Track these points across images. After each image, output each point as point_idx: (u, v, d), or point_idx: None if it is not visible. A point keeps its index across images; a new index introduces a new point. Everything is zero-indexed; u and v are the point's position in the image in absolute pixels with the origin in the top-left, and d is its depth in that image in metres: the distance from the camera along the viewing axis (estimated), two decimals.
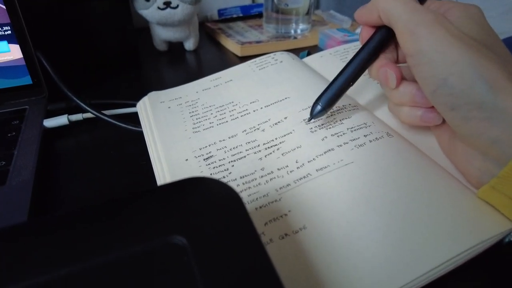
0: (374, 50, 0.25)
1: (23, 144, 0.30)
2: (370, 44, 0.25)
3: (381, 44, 0.25)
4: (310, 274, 0.18)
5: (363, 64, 0.25)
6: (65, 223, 0.15)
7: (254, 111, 0.30)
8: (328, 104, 0.25)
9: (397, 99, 0.25)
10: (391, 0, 0.23)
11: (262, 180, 0.23)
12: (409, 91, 0.24)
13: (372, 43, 0.25)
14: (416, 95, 0.24)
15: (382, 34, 0.25)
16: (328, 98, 0.25)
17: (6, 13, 0.33)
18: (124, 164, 0.29)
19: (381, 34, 0.25)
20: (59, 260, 0.13)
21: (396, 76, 0.24)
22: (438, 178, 0.22)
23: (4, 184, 0.25)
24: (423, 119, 0.24)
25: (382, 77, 0.25)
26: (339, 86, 0.26)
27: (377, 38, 0.25)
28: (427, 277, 0.18)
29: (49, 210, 0.25)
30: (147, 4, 0.46)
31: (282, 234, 0.20)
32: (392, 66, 0.24)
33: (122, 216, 0.15)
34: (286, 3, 0.53)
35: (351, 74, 0.26)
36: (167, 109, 0.32)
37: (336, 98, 0.26)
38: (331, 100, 0.25)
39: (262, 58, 0.37)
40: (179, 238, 0.13)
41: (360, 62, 0.25)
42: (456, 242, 0.18)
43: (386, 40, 0.25)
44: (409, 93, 0.24)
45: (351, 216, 0.20)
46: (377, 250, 0.18)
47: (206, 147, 0.27)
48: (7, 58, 0.35)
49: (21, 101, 0.36)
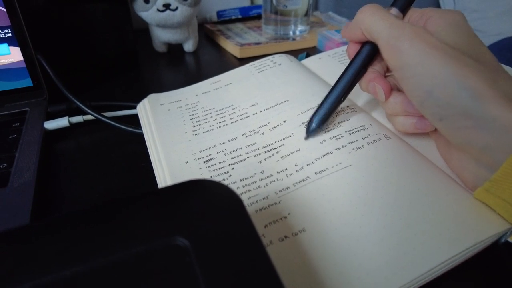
0: (361, 65, 0.26)
1: (24, 146, 0.30)
2: (357, 59, 0.26)
3: (368, 58, 0.26)
4: (309, 276, 0.18)
5: (352, 80, 0.26)
6: (68, 224, 0.15)
7: (253, 114, 0.30)
8: (322, 122, 0.26)
9: (390, 110, 0.26)
10: (371, 18, 0.23)
11: (262, 183, 0.24)
12: (400, 101, 0.24)
13: (359, 59, 0.26)
14: (407, 105, 0.24)
15: (367, 49, 0.26)
16: (321, 117, 0.26)
17: (7, 16, 0.34)
18: (125, 165, 0.29)
19: (367, 49, 0.26)
20: (63, 261, 0.13)
21: (384, 90, 0.25)
22: (435, 179, 0.23)
23: (6, 186, 0.25)
24: (417, 126, 0.25)
25: (372, 91, 0.26)
26: (331, 104, 0.26)
27: (363, 54, 0.26)
28: (424, 278, 0.18)
29: (50, 212, 0.25)
30: (146, 6, 0.46)
31: (282, 236, 0.20)
32: (380, 80, 0.25)
33: (124, 218, 0.15)
34: (285, 5, 0.53)
35: (341, 91, 0.26)
36: (167, 111, 0.33)
37: (328, 115, 0.26)
38: (324, 118, 0.26)
39: (261, 61, 0.38)
40: (181, 239, 0.13)
41: (349, 78, 0.26)
42: (453, 243, 0.19)
43: (372, 54, 0.26)
44: (400, 103, 0.25)
45: (349, 219, 0.21)
46: (375, 251, 0.19)
47: (206, 150, 0.27)
48: (8, 61, 0.35)
49: (21, 103, 0.36)
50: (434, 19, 0.23)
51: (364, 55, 0.26)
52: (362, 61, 0.26)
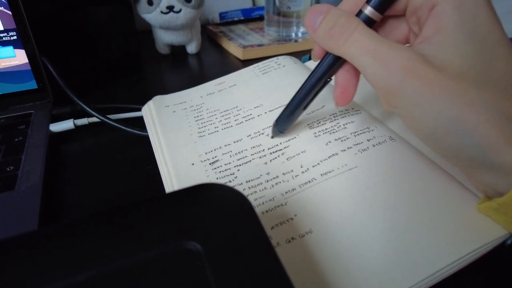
0: (323, 76, 0.23)
1: (30, 148, 0.30)
2: (320, 70, 0.23)
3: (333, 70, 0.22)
4: (317, 277, 0.18)
5: (311, 92, 0.24)
6: (80, 229, 0.15)
7: (258, 115, 0.30)
8: (284, 128, 0.27)
9: None
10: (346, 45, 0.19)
11: (267, 184, 0.24)
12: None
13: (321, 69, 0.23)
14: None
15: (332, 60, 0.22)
16: (282, 124, 0.26)
17: (12, 19, 0.34)
18: (131, 168, 0.29)
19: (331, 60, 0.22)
20: (76, 266, 0.14)
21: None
22: (440, 182, 0.23)
23: (13, 189, 0.26)
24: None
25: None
26: (291, 112, 0.25)
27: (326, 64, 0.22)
28: (430, 280, 0.18)
29: (58, 214, 0.25)
30: (150, 8, 0.46)
31: (289, 238, 0.20)
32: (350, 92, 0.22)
33: (135, 222, 0.15)
34: (288, 6, 0.53)
35: (298, 102, 0.25)
36: (172, 113, 0.33)
37: (289, 124, 0.26)
38: (286, 125, 0.27)
39: (265, 62, 0.38)
40: (192, 243, 0.14)
41: (307, 90, 0.24)
42: (459, 245, 0.19)
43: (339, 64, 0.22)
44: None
45: (355, 220, 0.21)
46: (382, 253, 0.19)
47: (212, 152, 0.27)
48: (13, 63, 0.36)
49: (26, 105, 0.37)
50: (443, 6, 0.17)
51: (327, 67, 0.22)
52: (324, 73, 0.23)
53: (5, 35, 0.34)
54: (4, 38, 0.34)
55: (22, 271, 0.13)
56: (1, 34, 0.34)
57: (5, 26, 0.34)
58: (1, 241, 0.15)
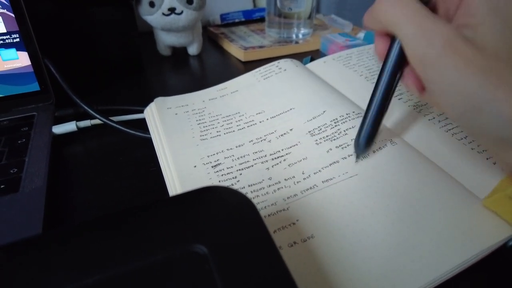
0: (394, 71, 0.22)
1: (33, 150, 0.30)
2: (388, 65, 0.22)
3: (402, 61, 0.22)
4: (319, 280, 0.19)
5: (388, 91, 0.23)
6: (86, 232, 0.15)
7: (260, 122, 0.31)
8: (369, 141, 0.25)
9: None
10: (393, 12, 0.20)
11: (270, 189, 0.24)
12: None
13: (389, 64, 0.22)
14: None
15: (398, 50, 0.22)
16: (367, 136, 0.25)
17: (15, 21, 0.34)
18: (134, 170, 0.30)
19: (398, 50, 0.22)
20: (84, 269, 0.14)
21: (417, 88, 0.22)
22: (442, 185, 0.23)
23: (17, 191, 0.26)
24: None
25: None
26: (373, 121, 0.24)
27: (394, 56, 0.22)
28: (431, 284, 0.18)
29: (62, 217, 0.25)
30: (151, 10, 0.46)
31: (291, 242, 0.21)
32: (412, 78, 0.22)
33: (141, 225, 0.15)
34: (290, 7, 0.53)
35: (379, 106, 0.24)
36: (174, 115, 0.33)
37: (374, 132, 0.25)
38: (370, 136, 0.25)
39: (266, 67, 0.38)
40: (199, 246, 0.14)
41: (383, 90, 0.23)
42: (461, 250, 0.19)
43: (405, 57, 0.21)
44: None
45: (356, 227, 0.21)
46: (382, 259, 0.19)
47: (214, 155, 0.28)
48: (16, 65, 0.36)
49: (28, 107, 0.37)
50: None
51: (395, 59, 0.22)
52: (394, 67, 0.22)
53: (8, 37, 0.34)
54: (7, 40, 0.34)
55: (30, 275, 0.14)
56: (4, 36, 0.34)
57: (8, 28, 0.34)
58: (11, 244, 0.15)
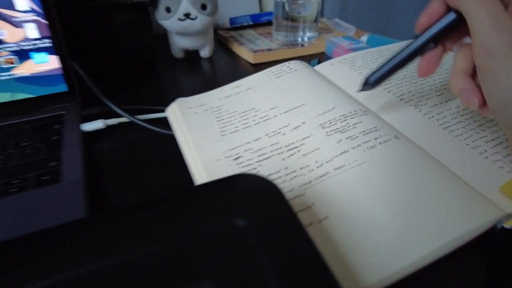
0: (434, 36, 0.24)
1: (67, 146, 0.33)
2: (429, 32, 0.24)
3: (442, 33, 0.23)
4: (335, 255, 0.21)
5: (416, 52, 0.26)
6: (141, 211, 0.18)
7: (274, 116, 0.34)
8: (377, 81, 0.29)
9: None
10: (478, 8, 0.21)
11: (287, 177, 0.27)
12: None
13: (431, 31, 0.23)
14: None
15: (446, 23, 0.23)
16: (378, 76, 0.29)
17: (47, 28, 0.37)
18: (161, 164, 0.32)
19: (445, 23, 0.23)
20: (137, 242, 0.17)
21: (479, 102, 0.24)
22: (439, 173, 0.26)
23: (59, 182, 0.29)
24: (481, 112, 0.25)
25: (464, 99, 0.24)
26: (390, 67, 0.28)
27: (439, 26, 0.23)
28: (430, 255, 0.21)
29: (101, 206, 0.28)
30: (167, 15, 0.49)
31: (309, 222, 0.23)
32: (476, 93, 0.24)
33: (187, 206, 0.18)
34: (298, 11, 0.56)
35: (402, 59, 0.27)
36: (195, 114, 0.36)
37: (384, 77, 0.28)
38: (379, 78, 0.29)
39: (278, 67, 0.41)
40: (240, 221, 0.17)
41: (413, 49, 0.26)
42: (455, 227, 0.22)
43: (449, 30, 0.23)
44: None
45: (365, 208, 0.24)
46: (388, 235, 0.22)
47: (234, 149, 0.30)
48: (46, 68, 0.39)
49: (56, 107, 0.40)
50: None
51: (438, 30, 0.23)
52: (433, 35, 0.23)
53: (40, 42, 0.37)
54: (39, 45, 0.37)
55: (104, 244, 0.16)
56: (37, 41, 0.37)
57: (41, 34, 0.37)
58: (74, 222, 0.18)
